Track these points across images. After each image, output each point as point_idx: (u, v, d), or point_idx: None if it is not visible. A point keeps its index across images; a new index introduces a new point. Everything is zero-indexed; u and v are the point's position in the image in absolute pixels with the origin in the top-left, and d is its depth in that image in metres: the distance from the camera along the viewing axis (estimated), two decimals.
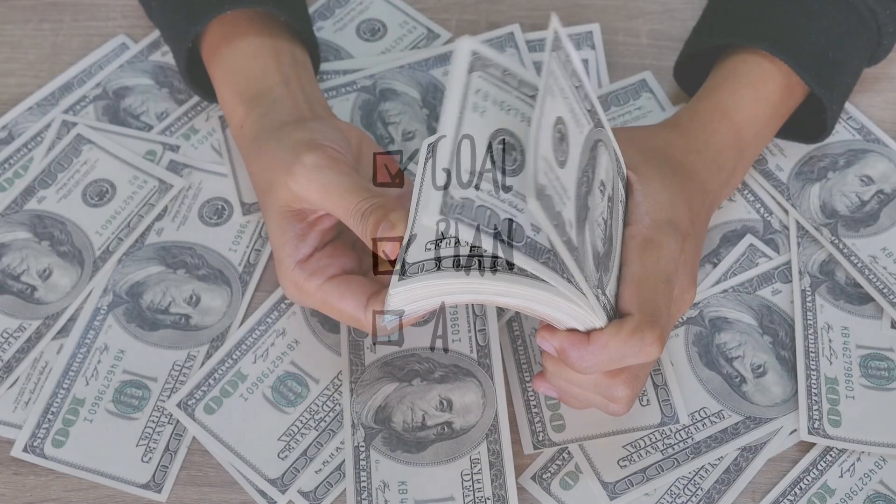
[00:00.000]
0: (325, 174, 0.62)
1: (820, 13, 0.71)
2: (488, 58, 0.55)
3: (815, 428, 0.66)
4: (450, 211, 0.49)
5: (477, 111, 0.53)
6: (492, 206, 0.51)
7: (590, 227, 0.55)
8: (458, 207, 0.50)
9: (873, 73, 0.80)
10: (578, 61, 0.55)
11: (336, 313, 0.64)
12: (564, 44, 0.53)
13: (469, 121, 0.52)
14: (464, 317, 0.70)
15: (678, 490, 0.65)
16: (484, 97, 0.54)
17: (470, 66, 0.54)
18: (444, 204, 0.49)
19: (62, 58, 0.83)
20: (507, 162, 0.53)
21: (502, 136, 0.53)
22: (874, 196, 0.75)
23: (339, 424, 0.68)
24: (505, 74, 0.55)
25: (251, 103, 0.70)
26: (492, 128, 0.53)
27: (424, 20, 0.85)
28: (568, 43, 0.54)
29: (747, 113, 0.70)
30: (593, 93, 0.57)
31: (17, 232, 0.74)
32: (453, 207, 0.50)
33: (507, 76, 0.55)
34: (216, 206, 0.76)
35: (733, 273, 0.73)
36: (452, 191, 0.50)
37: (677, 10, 0.86)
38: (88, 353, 0.70)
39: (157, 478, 0.66)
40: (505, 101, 0.55)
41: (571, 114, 0.54)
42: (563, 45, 0.53)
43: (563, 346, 0.58)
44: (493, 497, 0.64)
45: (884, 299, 0.71)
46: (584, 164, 0.55)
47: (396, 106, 0.80)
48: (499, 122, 0.54)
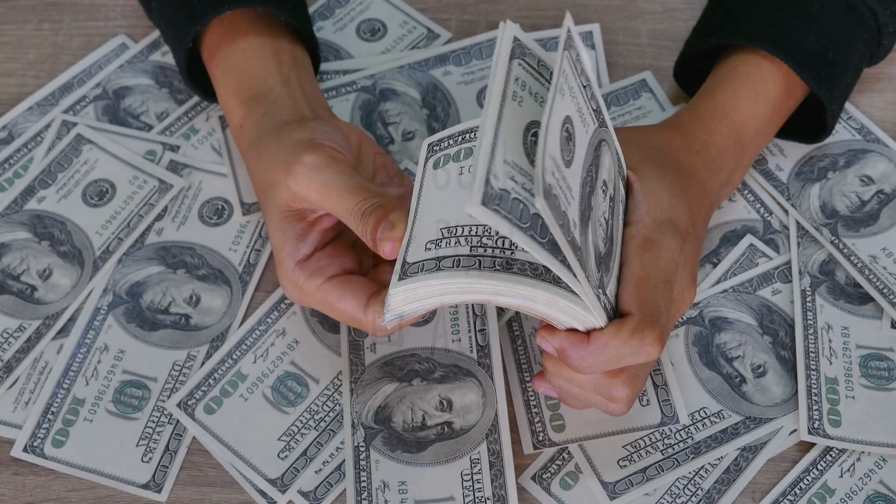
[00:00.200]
0: (325, 174, 0.62)
1: (820, 13, 0.71)
2: (527, 46, 0.54)
3: (815, 428, 0.66)
4: (490, 201, 0.48)
5: (515, 100, 0.52)
6: (524, 199, 0.50)
7: (592, 227, 0.55)
8: (496, 198, 0.49)
9: (873, 73, 0.80)
10: (588, 60, 0.55)
11: (336, 313, 0.64)
12: (576, 42, 0.53)
13: (508, 110, 0.51)
14: (464, 317, 0.70)
15: (678, 490, 0.65)
16: (522, 86, 0.53)
17: (511, 53, 0.53)
18: (485, 194, 0.48)
19: (62, 58, 0.83)
20: None
21: (535, 128, 0.53)
22: (874, 196, 0.75)
23: (339, 424, 0.68)
24: (539, 65, 0.55)
25: (251, 103, 0.70)
26: (527, 119, 0.52)
27: (424, 20, 0.85)
28: (579, 42, 0.53)
29: (747, 113, 0.70)
30: (599, 92, 0.57)
31: (17, 232, 0.74)
32: (493, 198, 0.48)
33: (541, 67, 0.55)
34: (216, 206, 0.76)
35: (733, 273, 0.73)
36: (493, 181, 0.49)
37: (677, 10, 0.86)
38: (88, 353, 0.70)
39: (157, 478, 0.66)
40: (538, 93, 0.54)
41: (579, 113, 0.54)
42: (575, 44, 0.53)
43: (563, 346, 0.58)
44: (493, 497, 0.64)
45: (884, 299, 0.71)
46: (588, 164, 0.54)
47: (396, 106, 0.80)
48: (532, 113, 0.53)
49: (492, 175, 0.48)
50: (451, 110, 0.80)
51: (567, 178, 0.51)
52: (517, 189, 0.50)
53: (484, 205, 0.47)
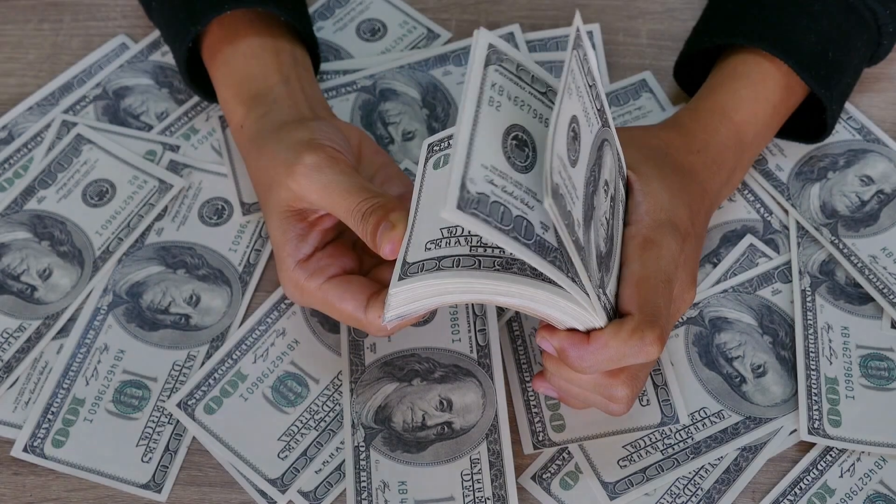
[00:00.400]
0: (325, 174, 0.62)
1: (820, 13, 0.71)
2: (504, 52, 0.54)
3: (815, 428, 0.66)
4: (466, 205, 0.49)
5: (493, 105, 0.53)
6: (505, 202, 0.51)
7: (594, 227, 0.55)
8: (474, 202, 0.49)
9: (873, 73, 0.80)
10: (594, 60, 0.55)
11: (336, 313, 0.64)
12: (584, 42, 0.53)
13: (485, 114, 0.52)
14: (464, 317, 0.70)
15: (678, 490, 0.65)
16: (499, 91, 0.53)
17: (486, 59, 0.53)
18: (461, 198, 0.49)
19: (62, 58, 0.83)
20: (520, 158, 0.53)
21: (515, 131, 0.53)
22: (874, 196, 0.75)
23: (339, 424, 0.68)
24: (519, 69, 0.55)
25: (251, 103, 0.70)
26: (506, 123, 0.53)
27: (424, 20, 0.85)
28: (587, 41, 0.54)
29: (747, 113, 0.70)
30: (603, 92, 0.57)
31: (17, 232, 0.74)
32: (470, 202, 0.49)
33: (520, 71, 0.55)
34: (216, 206, 0.76)
35: (733, 273, 0.73)
36: (469, 185, 0.49)
37: (677, 10, 0.86)
38: (88, 353, 0.70)
39: (157, 478, 0.66)
40: (518, 97, 0.54)
41: (584, 113, 0.54)
42: (583, 44, 0.53)
43: (563, 346, 0.58)
44: (493, 497, 0.64)
45: (884, 299, 0.71)
46: (591, 164, 0.55)
47: (396, 106, 0.80)
48: (512, 117, 0.54)
49: (468, 179, 0.49)
50: (451, 110, 0.80)
51: (573, 178, 0.51)
52: (497, 192, 0.51)
53: (460, 209, 0.48)
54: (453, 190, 0.48)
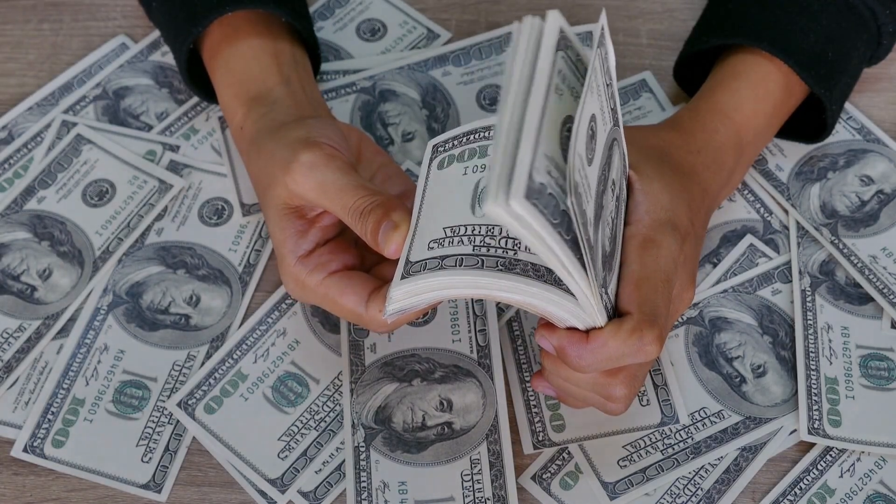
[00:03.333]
0: (321, 172, 0.62)
1: (819, 13, 0.71)
2: (570, 39, 0.52)
3: (815, 428, 0.66)
4: (531, 194, 0.46)
5: (557, 93, 0.50)
6: (557, 196, 0.48)
7: (601, 227, 0.55)
8: (536, 192, 0.46)
9: (873, 73, 0.80)
10: (614, 59, 0.54)
11: (337, 309, 0.64)
12: (607, 41, 0.53)
13: (551, 103, 0.49)
14: (464, 317, 0.70)
15: (678, 490, 0.65)
16: (563, 79, 0.51)
17: (557, 44, 0.50)
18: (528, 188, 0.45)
19: (62, 58, 0.83)
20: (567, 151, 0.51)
21: (570, 123, 0.51)
22: (874, 196, 0.75)
23: (340, 425, 0.68)
24: (577, 60, 0.53)
25: (251, 104, 0.70)
26: (564, 113, 0.51)
27: (424, 20, 0.85)
28: (609, 40, 0.53)
29: (747, 113, 0.70)
30: (617, 91, 0.57)
31: (17, 232, 0.74)
32: (534, 191, 0.46)
33: (578, 62, 0.53)
34: (216, 207, 0.76)
35: (733, 273, 0.73)
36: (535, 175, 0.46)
37: (677, 10, 0.86)
38: (88, 353, 0.70)
39: (157, 478, 0.66)
40: (574, 88, 0.52)
41: (601, 111, 0.53)
42: (605, 42, 0.53)
43: (562, 345, 0.58)
44: (493, 497, 0.64)
45: (884, 299, 0.71)
46: (602, 163, 0.54)
47: (396, 107, 0.80)
48: (568, 108, 0.51)
49: (534, 168, 0.46)
50: (451, 111, 0.80)
51: (588, 177, 0.51)
52: (552, 184, 0.48)
53: (527, 198, 0.45)
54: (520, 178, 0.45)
